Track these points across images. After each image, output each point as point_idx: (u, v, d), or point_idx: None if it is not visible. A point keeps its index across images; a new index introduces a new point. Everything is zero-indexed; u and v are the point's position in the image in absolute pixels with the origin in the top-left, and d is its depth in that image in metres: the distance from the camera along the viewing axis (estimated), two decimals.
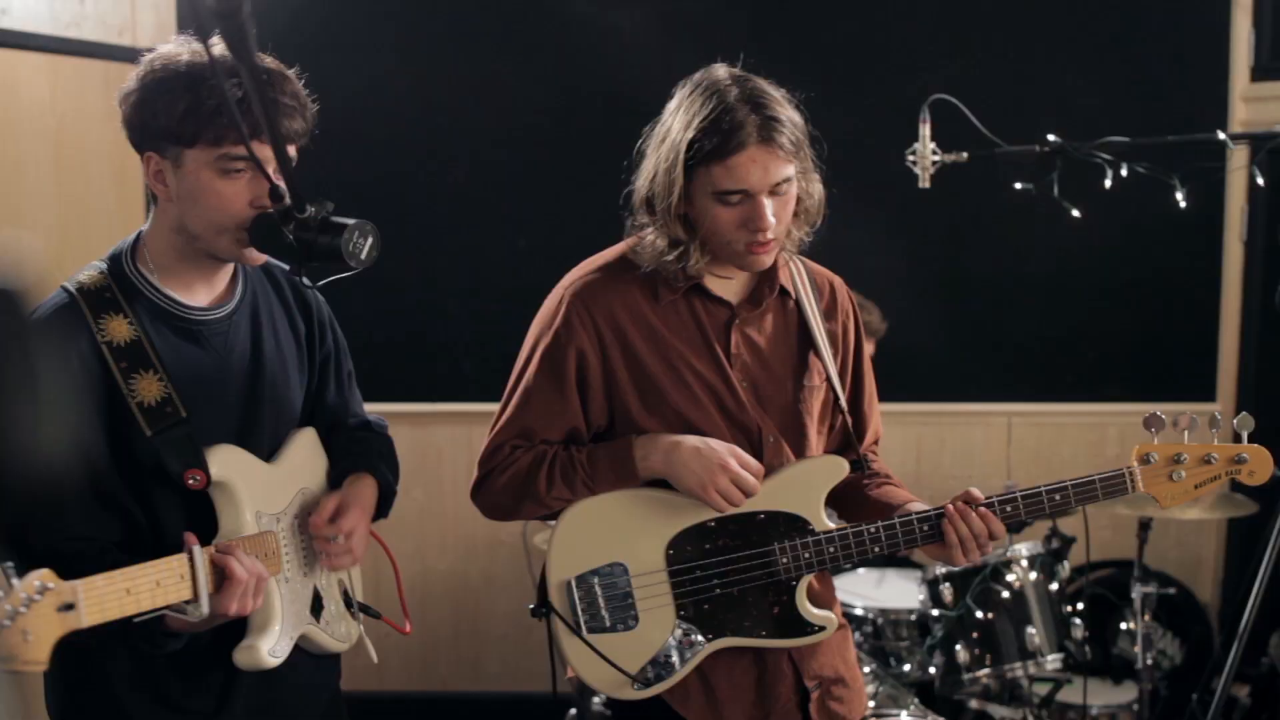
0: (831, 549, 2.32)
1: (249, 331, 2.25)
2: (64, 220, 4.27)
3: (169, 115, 2.03)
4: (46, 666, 1.68)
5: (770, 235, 2.23)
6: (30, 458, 2.08)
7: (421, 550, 4.89)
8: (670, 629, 2.32)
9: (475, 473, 2.41)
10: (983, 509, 2.30)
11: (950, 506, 2.30)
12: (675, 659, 2.32)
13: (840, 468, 2.38)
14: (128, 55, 4.51)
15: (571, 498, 2.32)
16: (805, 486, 2.35)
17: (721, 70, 2.29)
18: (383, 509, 2.42)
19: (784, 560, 2.32)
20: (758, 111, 2.19)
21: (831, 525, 2.35)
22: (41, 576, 1.69)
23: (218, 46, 1.86)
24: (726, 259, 2.30)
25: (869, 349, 4.14)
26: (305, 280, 2.15)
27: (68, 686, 2.20)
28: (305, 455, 2.35)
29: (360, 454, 2.41)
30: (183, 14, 4.61)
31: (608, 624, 2.32)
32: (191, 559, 1.95)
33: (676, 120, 2.25)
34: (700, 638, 2.32)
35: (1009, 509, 2.32)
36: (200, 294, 2.19)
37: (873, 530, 2.32)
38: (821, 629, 2.36)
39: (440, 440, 4.84)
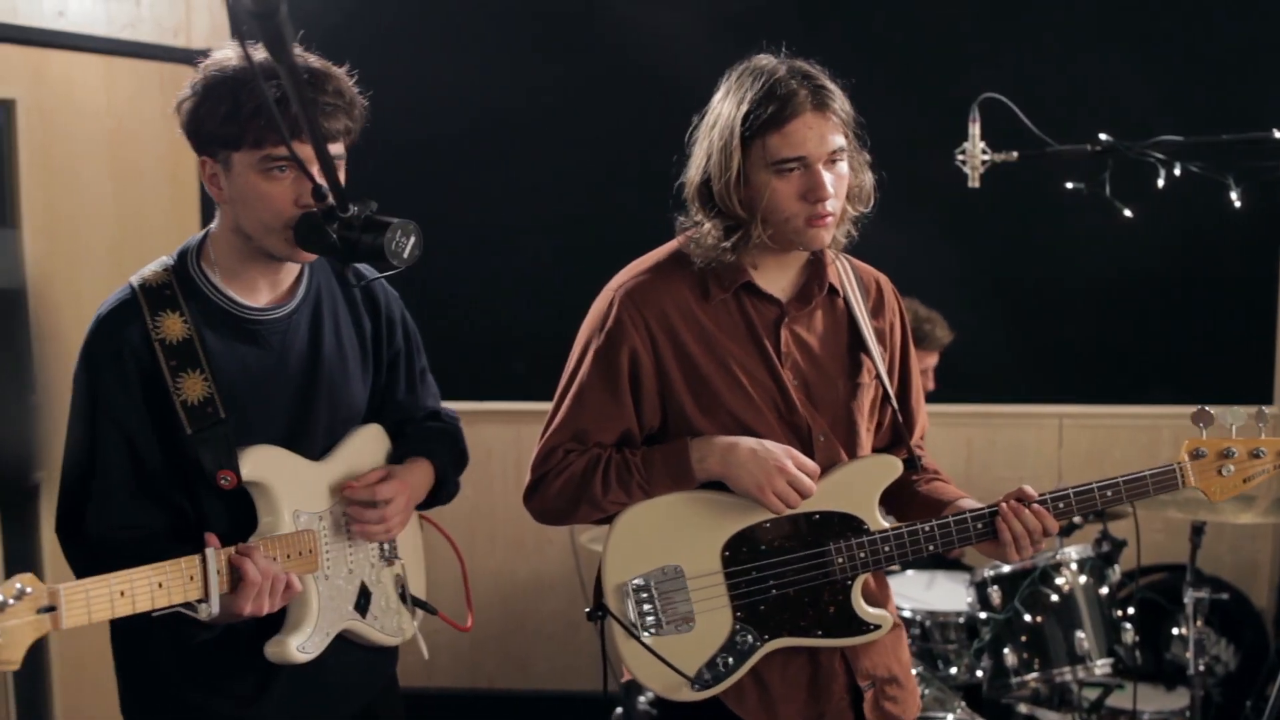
0: (886, 548, 2.33)
1: (309, 330, 2.28)
2: (120, 219, 4.33)
3: (213, 120, 2.09)
4: (18, 667, 1.75)
5: (829, 208, 2.24)
6: (74, 449, 2.15)
7: (470, 548, 4.85)
8: (727, 630, 2.33)
9: (528, 477, 2.41)
10: (1036, 506, 2.31)
11: (1004, 504, 2.32)
12: (733, 660, 2.32)
13: (894, 467, 2.39)
14: (183, 56, 4.58)
15: (627, 500, 2.33)
16: (859, 486, 2.36)
17: (765, 57, 2.33)
18: (440, 495, 2.45)
19: (839, 560, 2.33)
20: (808, 81, 2.25)
21: (886, 524, 2.35)
22: (23, 579, 1.76)
23: (258, 48, 1.88)
24: (787, 236, 2.29)
25: (932, 360, 4.14)
26: (350, 278, 2.19)
27: (127, 674, 2.30)
28: (363, 453, 2.37)
29: (420, 439, 2.44)
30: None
31: (665, 626, 2.33)
32: (204, 561, 2.00)
33: (727, 103, 2.28)
34: (757, 638, 2.33)
35: (1061, 505, 2.34)
36: (262, 293, 2.24)
37: (927, 529, 2.33)
38: (877, 628, 2.37)
39: (489, 439, 4.86)
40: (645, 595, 2.32)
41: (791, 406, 2.35)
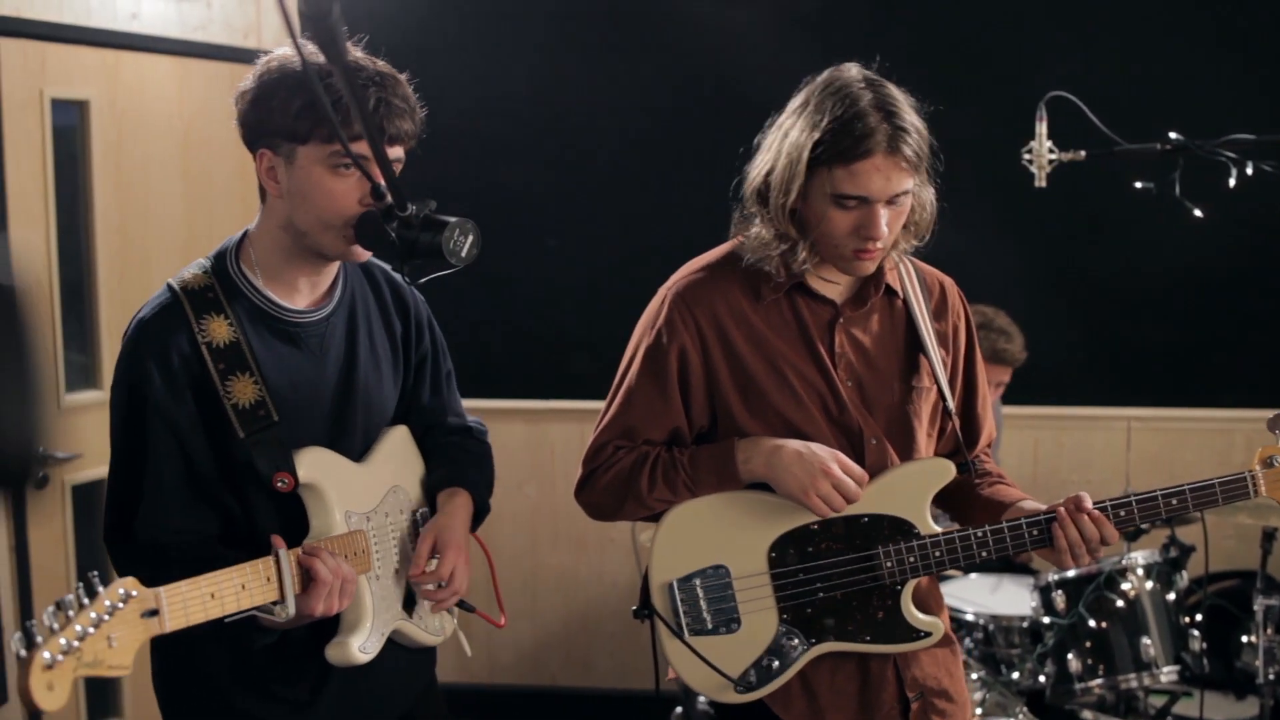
0: (937, 553, 2.29)
1: (345, 332, 2.28)
2: (190, 218, 4.40)
3: (284, 113, 2.07)
4: (129, 671, 1.75)
5: (879, 245, 2.22)
6: (124, 454, 2.15)
7: (534, 546, 4.93)
8: (773, 632, 2.31)
9: (579, 471, 2.43)
10: (1095, 513, 2.25)
11: (1061, 510, 2.26)
12: (778, 663, 2.30)
13: (946, 470, 2.34)
14: (253, 57, 4.61)
15: (673, 499, 2.32)
16: (910, 489, 2.32)
17: (854, 70, 2.26)
18: (474, 524, 2.43)
19: (888, 564, 2.30)
20: (889, 120, 2.17)
21: (937, 529, 2.31)
22: (126, 584, 1.76)
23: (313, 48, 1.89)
24: (831, 260, 2.29)
25: (1005, 376, 4.09)
26: (408, 277, 2.19)
27: (172, 678, 2.29)
28: (396, 454, 2.38)
29: (457, 465, 2.43)
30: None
31: (710, 626, 2.32)
32: (278, 561, 2.01)
33: (804, 117, 2.23)
34: (803, 642, 2.31)
35: (1123, 513, 2.27)
36: (302, 295, 2.23)
37: (980, 534, 2.28)
38: (927, 635, 2.33)
39: (553, 437, 4.89)
40: (690, 595, 2.32)
41: (843, 408, 2.32)
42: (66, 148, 3.99)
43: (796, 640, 2.30)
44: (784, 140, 2.25)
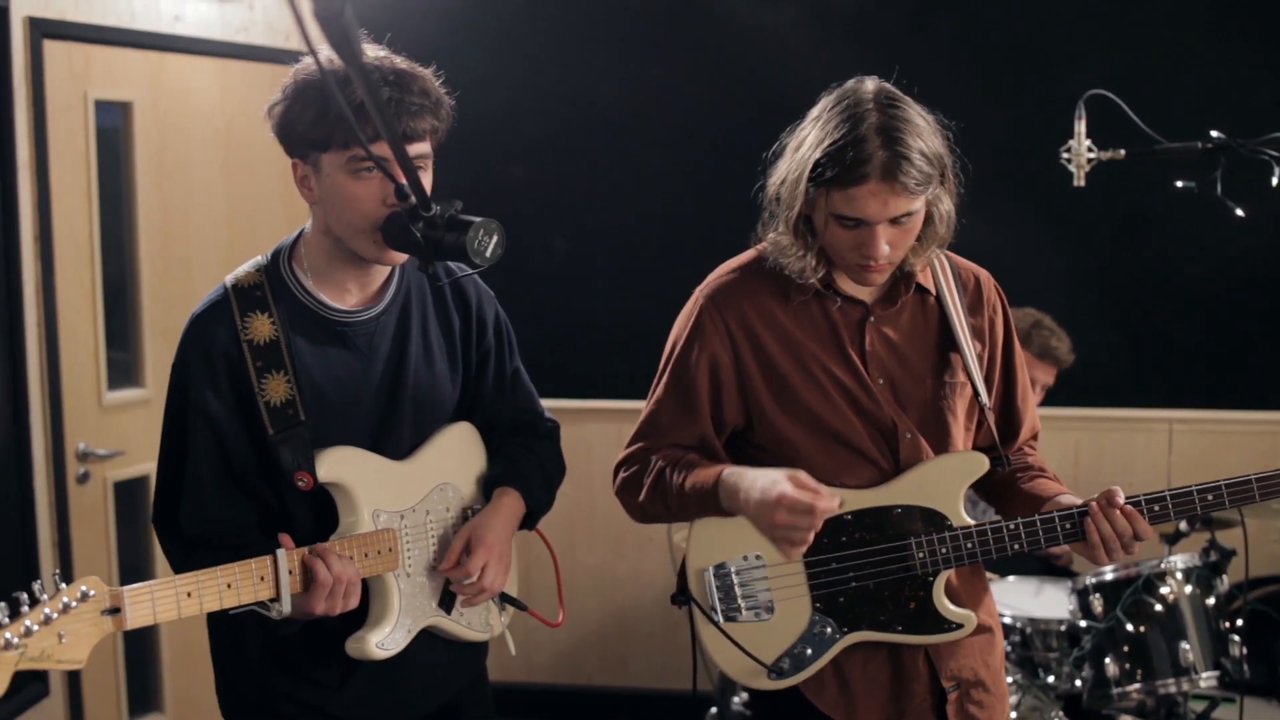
0: (969, 545, 2.30)
1: (396, 331, 2.30)
2: (231, 218, 4.44)
3: (303, 123, 2.12)
4: (83, 666, 1.82)
5: (882, 261, 2.22)
6: (168, 445, 2.21)
7: (570, 545, 4.94)
8: (806, 620, 2.32)
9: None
10: (1127, 508, 2.24)
11: (1093, 504, 2.26)
12: (811, 651, 2.32)
13: (979, 464, 2.35)
14: (294, 59, 4.66)
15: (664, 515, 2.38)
16: (943, 482, 2.33)
17: (870, 86, 2.24)
18: (530, 521, 2.47)
19: (920, 555, 2.31)
20: (889, 146, 2.14)
21: (970, 521, 2.32)
22: (88, 583, 1.82)
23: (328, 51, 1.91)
24: (841, 269, 2.32)
25: (1048, 378, 4.06)
26: (439, 275, 2.21)
27: (221, 660, 2.36)
28: (451, 450, 2.39)
29: (514, 464, 2.45)
30: None
31: (744, 613, 2.33)
32: (276, 561, 2.04)
33: (813, 132, 2.24)
34: (836, 630, 2.32)
35: (1156, 508, 2.27)
36: (352, 295, 2.26)
37: (1012, 527, 2.29)
38: (959, 627, 2.33)
39: (590, 436, 4.89)
40: (725, 581, 2.34)
41: (876, 404, 2.33)
42: (110, 148, 4.04)
43: (829, 629, 2.32)
44: (796, 151, 2.26)
